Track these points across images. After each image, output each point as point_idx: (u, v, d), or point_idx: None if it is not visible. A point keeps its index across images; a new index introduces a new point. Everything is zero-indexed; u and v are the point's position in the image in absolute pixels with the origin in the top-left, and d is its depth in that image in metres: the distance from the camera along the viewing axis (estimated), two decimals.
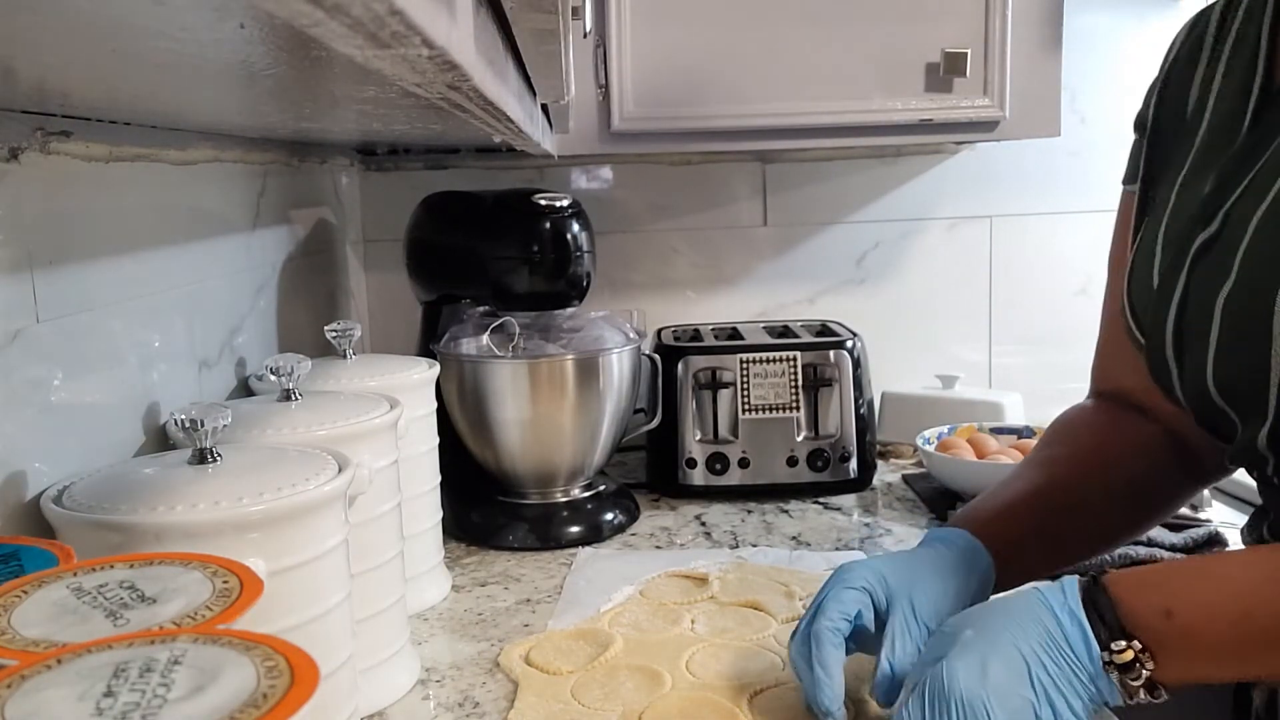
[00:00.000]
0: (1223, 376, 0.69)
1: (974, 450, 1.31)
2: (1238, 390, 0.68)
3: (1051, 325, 1.67)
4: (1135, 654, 0.64)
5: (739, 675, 0.84)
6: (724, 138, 1.30)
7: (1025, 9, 1.27)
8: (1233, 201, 0.69)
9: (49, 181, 0.71)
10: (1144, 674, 0.63)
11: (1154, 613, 0.65)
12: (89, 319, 0.75)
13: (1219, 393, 0.69)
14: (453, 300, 1.30)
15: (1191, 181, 0.75)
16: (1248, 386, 0.67)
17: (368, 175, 1.59)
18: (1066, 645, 0.64)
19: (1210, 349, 0.69)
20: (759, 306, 1.64)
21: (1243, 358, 0.66)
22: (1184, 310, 0.72)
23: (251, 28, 0.33)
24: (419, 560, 1.00)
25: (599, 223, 1.29)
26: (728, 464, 1.32)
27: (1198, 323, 0.70)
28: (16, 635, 0.41)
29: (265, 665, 0.37)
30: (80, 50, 0.43)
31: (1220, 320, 0.68)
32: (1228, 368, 0.68)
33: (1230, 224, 0.69)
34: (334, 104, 0.69)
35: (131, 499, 0.60)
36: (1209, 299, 0.69)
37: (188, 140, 0.94)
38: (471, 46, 0.35)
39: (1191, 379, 0.72)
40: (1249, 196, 0.68)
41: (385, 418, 0.84)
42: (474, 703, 0.83)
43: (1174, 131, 0.80)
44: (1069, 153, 1.61)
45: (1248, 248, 0.66)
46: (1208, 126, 0.76)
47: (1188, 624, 0.64)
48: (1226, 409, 0.70)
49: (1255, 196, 0.67)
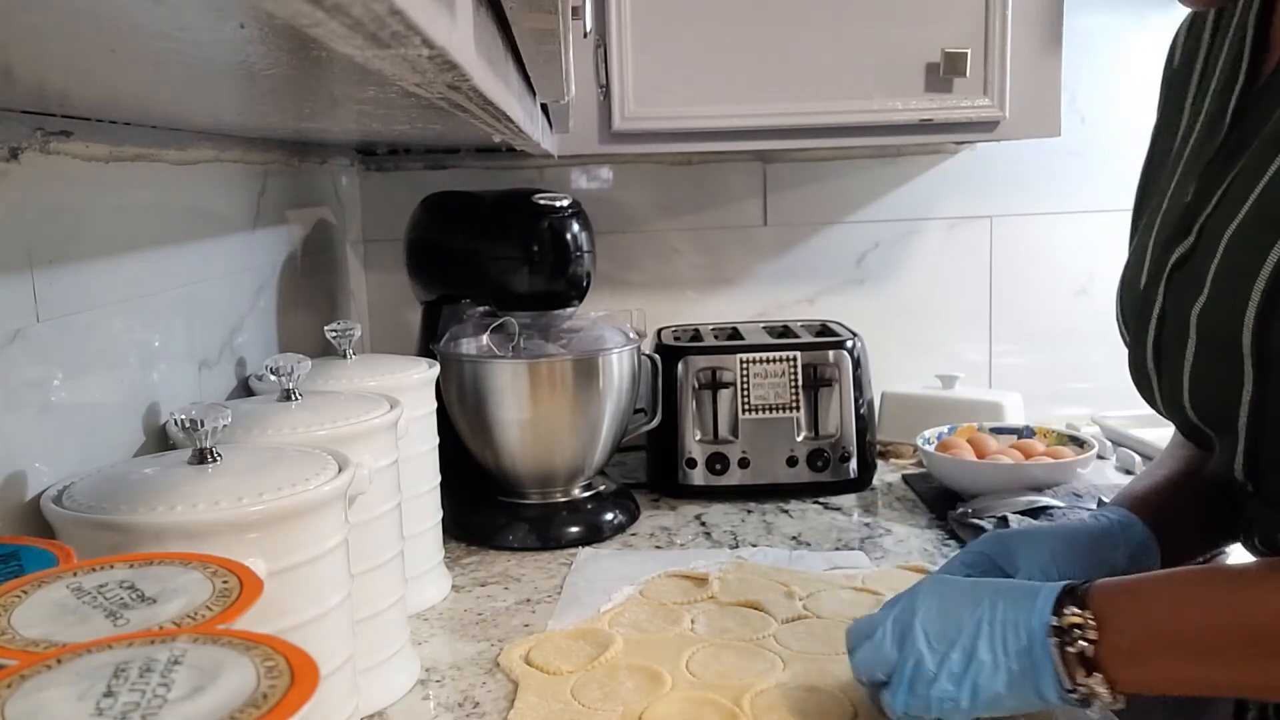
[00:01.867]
0: (1198, 394, 0.68)
1: (974, 450, 1.31)
2: (1211, 409, 0.67)
3: (1051, 325, 1.67)
4: (1081, 619, 0.64)
5: (739, 675, 0.84)
6: (724, 138, 1.30)
7: (1025, 9, 1.27)
8: (1208, 214, 0.68)
9: (49, 181, 0.71)
10: (1081, 643, 0.63)
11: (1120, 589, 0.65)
12: (89, 319, 0.75)
13: (1194, 410, 0.69)
14: (453, 300, 1.30)
15: (1178, 187, 0.74)
16: (1219, 407, 0.66)
17: (368, 175, 1.59)
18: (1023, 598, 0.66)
19: (1186, 365, 0.68)
20: (759, 306, 1.65)
21: (1217, 376, 0.65)
22: (1163, 324, 0.71)
23: (251, 28, 0.33)
24: (419, 560, 1.00)
25: (599, 223, 1.29)
26: (728, 464, 1.32)
27: (1175, 338, 0.69)
28: (16, 635, 0.41)
29: (265, 665, 0.37)
30: (80, 50, 0.43)
31: (1194, 337, 0.67)
32: (1203, 385, 0.67)
33: (1204, 237, 0.67)
34: (334, 104, 0.69)
35: (131, 499, 0.60)
36: (1184, 315, 0.68)
37: (188, 140, 0.94)
38: (471, 46, 0.35)
39: (1169, 393, 0.71)
40: (1223, 208, 0.66)
41: (385, 418, 0.84)
42: (474, 703, 0.83)
43: (1171, 132, 0.79)
44: (1069, 153, 1.61)
45: (1219, 264, 0.65)
46: (1198, 128, 0.74)
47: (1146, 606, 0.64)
48: (1201, 425, 0.69)
49: (1229, 209, 0.66)
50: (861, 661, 0.73)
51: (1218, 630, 0.62)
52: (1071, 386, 1.69)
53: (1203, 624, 0.62)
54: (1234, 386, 0.63)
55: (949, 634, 0.68)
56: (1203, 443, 0.72)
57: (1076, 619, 0.64)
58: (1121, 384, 0.83)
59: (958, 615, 0.68)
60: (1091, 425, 1.54)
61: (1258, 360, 0.62)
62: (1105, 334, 1.63)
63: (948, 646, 0.67)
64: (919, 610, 0.70)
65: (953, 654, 0.67)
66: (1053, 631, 0.64)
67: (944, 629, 0.68)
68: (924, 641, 0.68)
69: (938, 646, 0.68)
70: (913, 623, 0.69)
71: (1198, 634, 0.62)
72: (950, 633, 0.68)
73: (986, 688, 0.65)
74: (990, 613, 0.67)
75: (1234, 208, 0.65)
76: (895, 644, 0.70)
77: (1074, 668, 0.63)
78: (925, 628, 0.69)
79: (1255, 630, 0.60)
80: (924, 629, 0.69)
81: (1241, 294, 0.62)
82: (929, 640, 0.68)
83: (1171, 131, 0.79)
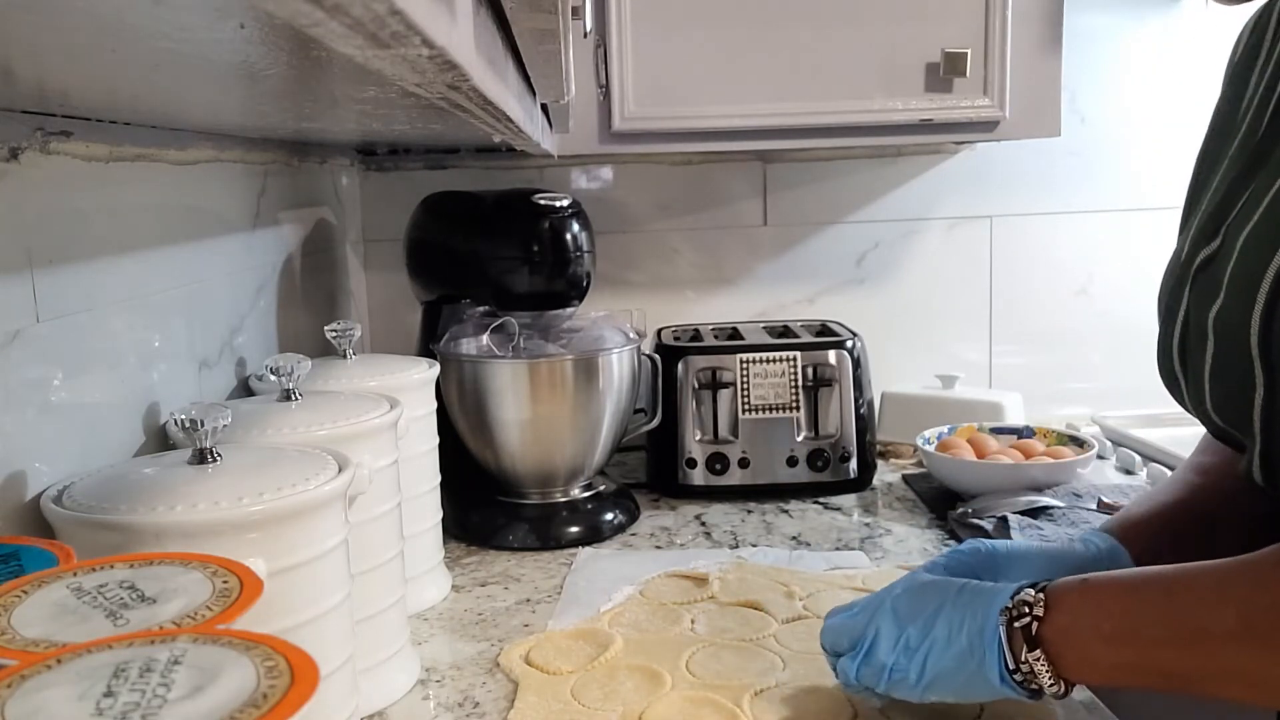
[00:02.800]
0: (1218, 397, 0.68)
1: (974, 450, 1.31)
2: (1229, 412, 0.67)
3: (1051, 325, 1.67)
4: (1032, 599, 0.66)
5: (739, 675, 0.84)
6: (724, 138, 1.30)
7: (1025, 9, 1.27)
8: (1233, 217, 0.67)
9: (49, 181, 0.71)
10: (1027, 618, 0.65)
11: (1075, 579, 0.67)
12: (89, 319, 0.75)
13: (1215, 413, 0.69)
14: (453, 300, 1.30)
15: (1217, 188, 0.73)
16: (1235, 410, 0.66)
17: (368, 175, 1.59)
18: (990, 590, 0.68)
19: (1206, 368, 0.68)
20: (759, 306, 1.64)
21: (1232, 379, 0.65)
22: (1186, 327, 0.71)
23: (251, 28, 0.33)
24: (419, 560, 1.00)
25: (599, 223, 1.29)
26: (728, 464, 1.32)
27: (1196, 341, 0.69)
28: (16, 635, 0.41)
29: (265, 665, 0.37)
30: (80, 50, 0.43)
31: (1213, 340, 0.67)
32: (1222, 388, 0.67)
33: (1226, 240, 0.67)
34: (334, 104, 0.68)
35: (131, 499, 0.60)
36: (1203, 318, 0.68)
37: (188, 140, 0.94)
38: (471, 46, 0.35)
39: (1194, 396, 0.71)
40: (1243, 212, 0.66)
41: (385, 418, 0.84)
42: (474, 703, 0.83)
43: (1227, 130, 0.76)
44: (1069, 153, 1.61)
45: (1233, 267, 0.65)
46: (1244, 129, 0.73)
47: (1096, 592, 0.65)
48: (1225, 427, 0.69)
49: (1248, 212, 0.65)
50: (828, 630, 0.76)
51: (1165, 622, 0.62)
52: (1071, 386, 1.69)
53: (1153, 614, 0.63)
54: (1247, 389, 0.63)
55: (913, 613, 0.70)
56: (1233, 444, 0.72)
57: (1028, 598, 0.66)
58: (1121, 384, 0.83)
59: (925, 598, 0.71)
60: (1091, 425, 1.54)
61: (1266, 363, 0.62)
62: (1105, 334, 1.66)
63: (909, 623, 0.70)
64: (893, 592, 0.73)
65: (911, 628, 0.70)
66: (1004, 610, 0.66)
67: (910, 608, 0.71)
68: (889, 617, 0.71)
69: (900, 622, 0.71)
70: (884, 600, 0.73)
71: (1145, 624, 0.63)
72: (914, 612, 0.70)
73: (935, 664, 0.68)
74: (956, 598, 0.69)
75: (1252, 210, 0.65)
76: (864, 617, 0.73)
77: (1018, 644, 0.65)
78: (894, 606, 0.72)
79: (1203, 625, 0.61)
80: (893, 607, 0.72)
81: (1249, 297, 0.62)
82: (895, 616, 0.71)
83: (1226, 129, 0.76)
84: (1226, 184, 0.70)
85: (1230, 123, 0.75)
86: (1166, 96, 1.61)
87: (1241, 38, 0.79)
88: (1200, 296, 0.69)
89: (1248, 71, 0.75)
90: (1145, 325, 0.80)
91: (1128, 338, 1.50)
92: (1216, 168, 0.75)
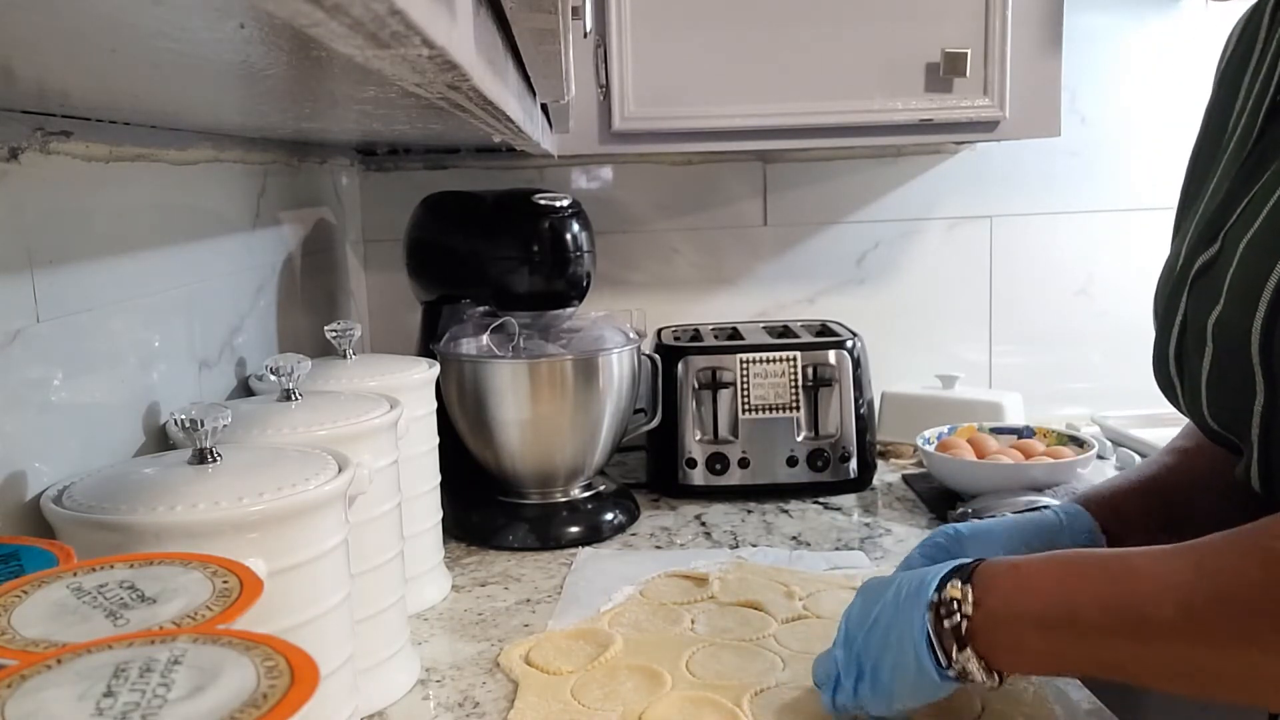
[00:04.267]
0: (1215, 402, 0.68)
1: (974, 450, 1.31)
2: (1227, 417, 0.67)
3: (1051, 325, 1.67)
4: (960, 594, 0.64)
5: (739, 675, 0.84)
6: (724, 138, 1.30)
7: (1025, 9, 1.27)
8: (1231, 223, 0.67)
9: (49, 181, 0.71)
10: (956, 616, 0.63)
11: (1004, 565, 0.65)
12: (89, 319, 0.75)
13: (1212, 417, 0.69)
14: (453, 300, 1.30)
15: (1214, 192, 0.73)
16: (1232, 416, 0.66)
17: (368, 175, 1.59)
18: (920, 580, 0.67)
19: (1204, 373, 0.68)
20: (759, 306, 1.64)
21: (1231, 385, 0.65)
22: (1184, 331, 0.71)
23: (251, 28, 0.33)
24: (419, 560, 1.00)
25: (599, 223, 1.29)
26: (728, 464, 1.32)
27: (1194, 346, 0.69)
28: (16, 635, 0.41)
29: (265, 665, 0.37)
30: (80, 50, 0.43)
31: (1211, 346, 0.67)
32: (1220, 394, 0.67)
33: (1226, 246, 0.67)
34: (334, 104, 0.68)
35: (131, 499, 0.60)
36: (1202, 323, 0.67)
37: (188, 140, 0.94)
38: (471, 46, 0.35)
39: (1190, 400, 0.71)
40: (1243, 217, 0.66)
41: (385, 418, 0.84)
42: (474, 703, 0.83)
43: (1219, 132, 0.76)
44: (1069, 153, 1.61)
45: (1234, 273, 0.65)
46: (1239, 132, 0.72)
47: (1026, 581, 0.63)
48: (1222, 432, 0.69)
49: (1248, 218, 0.65)
50: (814, 666, 0.77)
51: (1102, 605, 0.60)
52: (1071, 386, 1.69)
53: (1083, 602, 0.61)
54: (1246, 395, 0.63)
55: (862, 627, 0.70)
56: (1229, 447, 0.71)
57: (955, 593, 0.64)
58: (1122, 384, 0.83)
59: (869, 608, 0.70)
60: (1091, 425, 1.54)
61: (1266, 370, 0.62)
62: (1105, 334, 1.66)
63: (859, 642, 0.69)
64: (850, 610, 0.73)
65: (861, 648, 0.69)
66: (930, 607, 0.64)
67: (860, 621, 0.70)
68: (843, 642, 0.71)
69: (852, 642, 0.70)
70: (843, 621, 0.72)
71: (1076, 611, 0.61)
72: (862, 626, 0.70)
73: (888, 680, 0.67)
74: (892, 601, 0.68)
75: (1252, 217, 0.64)
76: (839, 646, 0.72)
77: (949, 642, 0.63)
78: (848, 627, 0.71)
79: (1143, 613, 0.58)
80: (847, 628, 0.71)
81: (1250, 304, 0.62)
82: (847, 639, 0.71)
83: (1219, 131, 0.76)
84: (1224, 189, 0.70)
85: (1223, 126, 0.75)
86: (1166, 96, 1.60)
87: (1232, 39, 0.79)
88: (1198, 302, 0.69)
89: (1240, 74, 0.75)
90: (1145, 325, 0.80)
91: (1127, 338, 1.50)
92: (1211, 171, 0.74)
